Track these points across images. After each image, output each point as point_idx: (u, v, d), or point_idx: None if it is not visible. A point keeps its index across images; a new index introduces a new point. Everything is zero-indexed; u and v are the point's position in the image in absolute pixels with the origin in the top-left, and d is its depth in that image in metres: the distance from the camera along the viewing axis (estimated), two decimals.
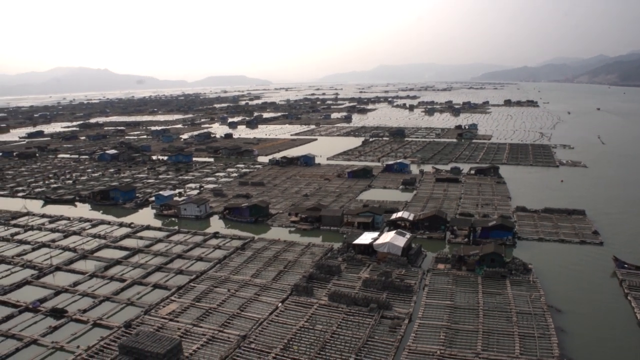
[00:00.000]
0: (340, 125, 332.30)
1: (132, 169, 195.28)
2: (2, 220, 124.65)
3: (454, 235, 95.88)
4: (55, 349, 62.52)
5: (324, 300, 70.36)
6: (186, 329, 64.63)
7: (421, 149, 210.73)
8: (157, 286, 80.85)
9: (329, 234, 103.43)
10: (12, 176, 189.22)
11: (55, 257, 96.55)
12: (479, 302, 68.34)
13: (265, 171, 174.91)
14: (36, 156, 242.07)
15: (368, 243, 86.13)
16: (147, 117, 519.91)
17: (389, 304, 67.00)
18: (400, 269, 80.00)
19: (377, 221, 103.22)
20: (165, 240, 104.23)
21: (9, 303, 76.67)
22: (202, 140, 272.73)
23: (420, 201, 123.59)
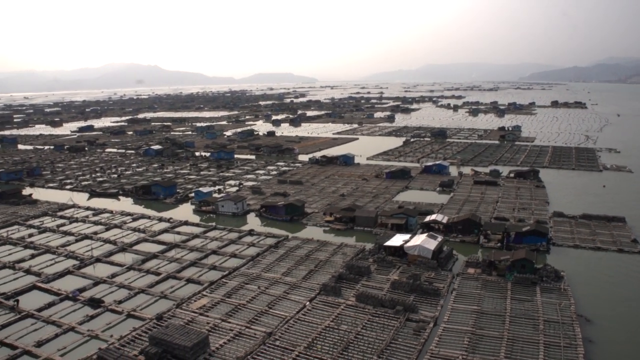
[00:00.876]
0: (383, 124, 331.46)
1: (175, 164, 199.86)
2: (50, 211, 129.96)
3: (487, 239, 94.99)
4: (90, 337, 65.33)
5: (351, 301, 71.04)
6: (215, 323, 66.41)
7: (462, 151, 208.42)
8: (190, 281, 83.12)
9: (363, 235, 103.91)
10: (62, 169, 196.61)
11: (96, 249, 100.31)
12: (506, 308, 67.74)
13: (305, 170, 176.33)
14: (85, 150, 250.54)
15: (399, 245, 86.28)
16: (193, 113, 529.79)
17: (415, 307, 67.18)
18: (429, 272, 79.94)
19: (410, 223, 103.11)
20: (201, 236, 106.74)
21: (51, 291, 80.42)
22: (244, 137, 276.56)
23: (457, 204, 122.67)
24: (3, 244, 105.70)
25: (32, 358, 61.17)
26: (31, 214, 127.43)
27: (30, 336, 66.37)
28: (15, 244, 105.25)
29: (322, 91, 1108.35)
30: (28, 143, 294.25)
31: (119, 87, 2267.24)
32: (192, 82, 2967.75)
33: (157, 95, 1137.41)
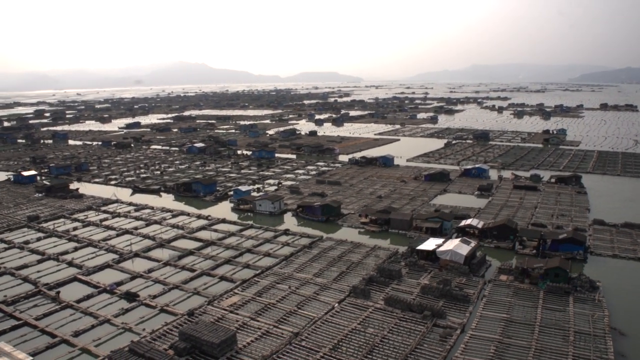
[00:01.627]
0: (426, 125, 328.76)
1: (217, 162, 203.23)
2: (94, 206, 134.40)
3: (522, 246, 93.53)
4: (124, 330, 67.68)
5: (379, 304, 71.25)
6: (244, 321, 67.72)
7: (504, 154, 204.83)
8: (223, 278, 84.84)
9: (397, 237, 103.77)
10: (108, 165, 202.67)
11: (136, 244, 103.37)
12: (536, 317, 66.68)
13: (344, 170, 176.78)
14: (131, 146, 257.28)
15: (431, 249, 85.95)
16: (238, 111, 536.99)
17: (443, 313, 66.91)
18: (461, 278, 79.39)
19: (445, 227, 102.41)
20: (237, 234, 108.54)
21: (90, 283, 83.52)
22: (287, 136, 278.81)
23: (494, 209, 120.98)
24: (49, 236, 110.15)
25: (69, 347, 63.79)
26: (77, 208, 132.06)
27: (69, 326, 69.23)
28: (61, 237, 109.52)
29: (366, 91, 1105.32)
30: (78, 139, 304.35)
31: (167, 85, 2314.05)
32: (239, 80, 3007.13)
33: (204, 92, 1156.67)
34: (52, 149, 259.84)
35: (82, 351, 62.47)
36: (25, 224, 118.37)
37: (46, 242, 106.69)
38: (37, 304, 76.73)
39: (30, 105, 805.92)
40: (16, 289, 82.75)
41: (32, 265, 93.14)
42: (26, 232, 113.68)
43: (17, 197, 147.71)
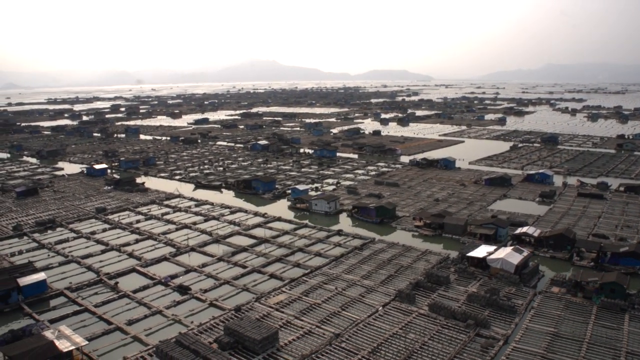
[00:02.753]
0: (492, 127, 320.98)
1: (279, 160, 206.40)
2: (158, 200, 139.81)
3: (580, 257, 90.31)
4: (174, 321, 70.67)
5: (424, 310, 70.97)
6: (288, 320, 69.16)
7: (571, 159, 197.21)
8: (273, 276, 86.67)
9: (450, 243, 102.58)
10: (174, 160, 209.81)
11: (193, 238, 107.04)
12: (586, 334, 64.49)
13: (404, 172, 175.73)
14: (198, 142, 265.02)
15: (482, 256, 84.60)
16: (304, 109, 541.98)
17: (487, 322, 65.88)
18: (510, 287, 77.80)
19: (500, 234, 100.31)
20: (291, 233, 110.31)
21: (147, 275, 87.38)
22: (350, 135, 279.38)
23: (554, 217, 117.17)
24: (114, 228, 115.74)
25: (122, 334, 67.31)
26: (141, 202, 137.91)
27: (124, 314, 73.00)
28: (124, 229, 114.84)
29: (435, 90, 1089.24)
30: (148, 133, 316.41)
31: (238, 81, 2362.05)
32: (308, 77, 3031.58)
33: (273, 89, 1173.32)
34: (124, 143, 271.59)
35: (133, 339, 65.76)
36: (93, 216, 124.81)
37: (111, 233, 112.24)
38: (97, 292, 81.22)
39: (108, 100, 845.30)
40: (80, 276, 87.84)
41: (96, 254, 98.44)
42: (93, 223, 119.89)
43: (88, 189, 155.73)
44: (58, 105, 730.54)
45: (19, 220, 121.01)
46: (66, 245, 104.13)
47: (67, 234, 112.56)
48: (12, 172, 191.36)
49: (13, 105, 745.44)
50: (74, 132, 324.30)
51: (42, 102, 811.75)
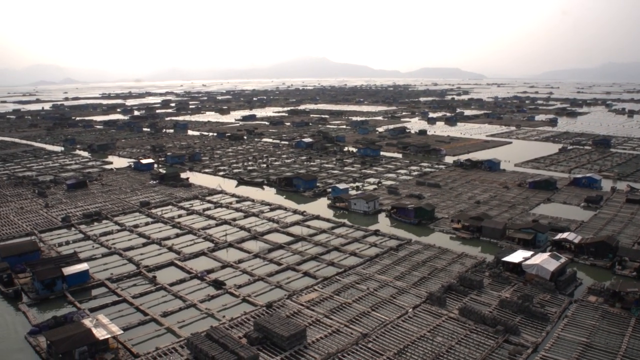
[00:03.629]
0: (542, 128, 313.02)
1: (323, 158, 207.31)
2: (200, 195, 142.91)
3: (622, 266, 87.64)
4: (207, 315, 72.60)
5: (453, 314, 70.52)
6: (317, 318, 69.98)
7: (623, 163, 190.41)
8: (307, 274, 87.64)
9: (488, 246, 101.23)
10: (219, 156, 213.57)
11: (231, 234, 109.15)
12: (621, 346, 62.68)
13: (447, 172, 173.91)
14: (244, 139, 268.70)
15: (517, 262, 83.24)
16: (352, 106, 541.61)
17: (516, 329, 64.94)
18: (545, 294, 76.36)
19: (539, 239, 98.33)
20: (328, 232, 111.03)
21: (184, 269, 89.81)
22: (395, 134, 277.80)
23: (599, 223, 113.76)
24: (156, 222, 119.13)
25: (156, 325, 69.67)
26: (184, 197, 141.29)
27: (160, 306, 75.41)
28: (166, 223, 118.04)
29: (487, 89, 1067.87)
30: (196, 129, 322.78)
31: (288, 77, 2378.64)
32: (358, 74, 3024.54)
33: (322, 86, 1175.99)
34: (172, 138, 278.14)
35: (167, 330, 67.94)
36: (138, 209, 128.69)
37: (153, 227, 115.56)
38: (136, 284, 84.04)
39: (159, 95, 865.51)
40: (121, 268, 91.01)
41: (138, 247, 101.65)
42: (137, 217, 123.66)
43: (134, 183, 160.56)
44: (111, 100, 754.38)
45: (67, 212, 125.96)
46: (110, 238, 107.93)
47: (111, 226, 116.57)
48: (64, 164, 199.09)
49: (69, 99, 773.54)
50: (125, 126, 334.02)
51: (96, 97, 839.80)
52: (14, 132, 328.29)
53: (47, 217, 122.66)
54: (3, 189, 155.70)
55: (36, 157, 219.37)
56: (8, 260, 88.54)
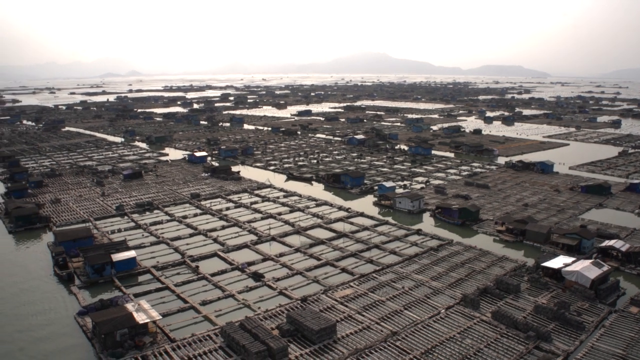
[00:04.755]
0: (604, 130, 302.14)
1: (373, 155, 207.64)
2: (249, 189, 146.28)
3: None
4: (243, 306, 75.21)
5: (486, 317, 70.30)
6: (349, 314, 71.28)
7: None
8: (344, 270, 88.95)
9: (531, 250, 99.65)
10: (272, 150, 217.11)
11: (275, 228, 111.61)
12: None
13: (497, 174, 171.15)
14: (297, 134, 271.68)
15: (557, 267, 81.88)
16: (409, 103, 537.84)
17: (548, 336, 64.18)
18: (583, 302, 74.94)
19: (584, 245, 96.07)
20: (371, 229, 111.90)
21: (227, 260, 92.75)
22: (449, 133, 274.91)
23: None
24: (204, 214, 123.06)
25: (195, 313, 72.79)
26: (233, 190, 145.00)
27: (200, 295, 78.58)
28: (213, 215, 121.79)
29: (550, 88, 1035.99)
30: (252, 123, 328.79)
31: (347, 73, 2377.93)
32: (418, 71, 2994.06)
33: (381, 82, 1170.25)
34: (227, 132, 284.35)
35: (204, 318, 70.84)
36: (188, 201, 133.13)
37: (201, 218, 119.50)
38: (179, 272, 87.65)
39: (219, 88, 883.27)
40: (167, 257, 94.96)
41: (185, 237, 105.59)
42: (187, 208, 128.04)
43: (187, 175, 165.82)
44: (173, 92, 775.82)
45: (122, 201, 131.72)
46: (159, 227, 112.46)
47: (162, 216, 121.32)
48: (123, 155, 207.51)
49: (133, 92, 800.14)
50: (183, 119, 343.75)
51: (158, 89, 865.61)
52: (79, 122, 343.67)
53: (102, 205, 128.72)
54: (65, 177, 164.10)
55: (97, 148, 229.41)
56: (64, 244, 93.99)
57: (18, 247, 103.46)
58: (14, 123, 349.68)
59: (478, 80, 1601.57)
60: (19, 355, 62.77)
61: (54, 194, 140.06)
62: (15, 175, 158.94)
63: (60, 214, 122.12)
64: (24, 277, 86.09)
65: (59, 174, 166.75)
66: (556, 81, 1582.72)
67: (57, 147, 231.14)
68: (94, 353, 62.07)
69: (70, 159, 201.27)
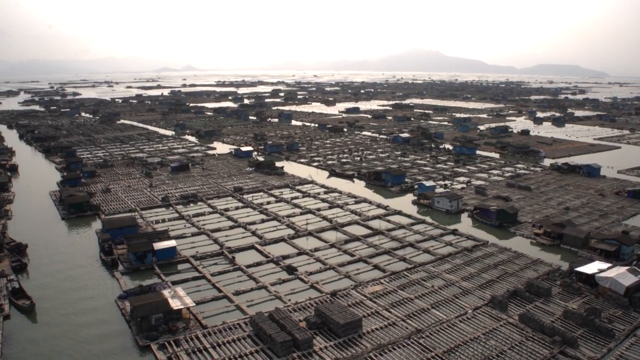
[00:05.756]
0: None
1: (417, 154, 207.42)
2: (291, 184, 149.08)
3: None
4: (275, 297, 77.97)
5: (513, 319, 70.58)
6: (377, 310, 72.91)
7: None
8: (376, 267, 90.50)
9: (568, 255, 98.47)
10: (317, 147, 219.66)
11: (313, 223, 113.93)
12: None
13: (541, 176, 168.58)
14: (343, 131, 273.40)
15: (591, 273, 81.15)
16: (458, 102, 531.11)
17: (575, 342, 63.99)
18: (616, 310, 74.19)
19: (623, 252, 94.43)
20: (407, 228, 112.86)
21: (263, 253, 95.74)
22: (496, 133, 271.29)
23: None
24: (245, 207, 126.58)
25: (228, 302, 75.97)
26: (276, 184, 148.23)
27: (234, 285, 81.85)
28: (254, 208, 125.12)
29: (607, 88, 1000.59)
30: (300, 119, 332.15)
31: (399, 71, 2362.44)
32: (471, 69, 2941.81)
33: (432, 81, 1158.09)
34: (275, 127, 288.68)
35: (236, 308, 73.86)
36: (231, 194, 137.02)
37: (242, 211, 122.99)
38: (217, 263, 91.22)
39: (270, 84, 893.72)
40: (207, 247, 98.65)
41: (225, 229, 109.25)
42: (229, 201, 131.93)
43: (232, 169, 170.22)
44: (225, 87, 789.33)
45: (167, 193, 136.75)
46: (201, 219, 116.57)
47: (204, 208, 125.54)
48: (172, 148, 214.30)
49: (187, 86, 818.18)
50: (233, 114, 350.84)
51: (211, 84, 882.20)
52: (133, 115, 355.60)
53: (149, 196, 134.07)
54: (117, 168, 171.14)
55: (149, 140, 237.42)
56: (110, 232, 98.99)
57: (69, 233, 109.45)
58: (73, 115, 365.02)
59: (531, 79, 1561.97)
60: (60, 332, 67.37)
61: (105, 184, 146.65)
62: (70, 165, 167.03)
63: (110, 203, 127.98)
64: (73, 261, 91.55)
65: (110, 165, 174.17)
66: (614, 81, 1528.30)
67: (111, 139, 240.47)
68: (130, 335, 65.88)
69: (122, 150, 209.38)
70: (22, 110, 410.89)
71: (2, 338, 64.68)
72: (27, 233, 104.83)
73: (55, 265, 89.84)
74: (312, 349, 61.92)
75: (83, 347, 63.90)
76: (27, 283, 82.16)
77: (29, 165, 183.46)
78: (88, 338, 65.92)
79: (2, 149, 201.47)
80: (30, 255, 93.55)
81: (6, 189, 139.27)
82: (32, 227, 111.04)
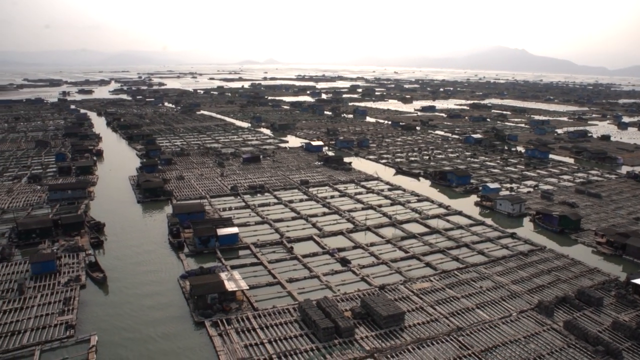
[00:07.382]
0: None
1: (487, 155, 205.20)
2: (356, 180, 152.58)
3: None
4: (326, 287, 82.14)
5: (557, 325, 71.00)
6: (421, 305, 75.34)
7: None
8: (428, 265, 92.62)
9: (630, 266, 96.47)
10: (387, 144, 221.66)
11: (372, 219, 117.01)
12: None
13: (615, 183, 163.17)
14: (416, 129, 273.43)
15: None
16: (539, 104, 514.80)
17: (619, 354, 63.68)
18: None
19: None
20: (465, 228, 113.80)
21: (320, 244, 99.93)
22: (574, 138, 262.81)
23: None
24: (309, 200, 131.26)
25: (280, 288, 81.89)
26: (342, 179, 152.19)
27: (288, 273, 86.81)
28: (318, 201, 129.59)
29: None
30: (374, 116, 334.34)
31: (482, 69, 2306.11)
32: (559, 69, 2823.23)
33: (515, 80, 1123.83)
34: (349, 123, 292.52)
35: (287, 294, 78.57)
36: (297, 186, 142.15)
37: (305, 204, 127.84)
38: (275, 251, 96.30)
39: (349, 79, 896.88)
40: (268, 236, 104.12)
41: (287, 220, 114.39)
42: (294, 193, 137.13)
43: (301, 162, 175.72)
44: (304, 82, 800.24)
45: (237, 182, 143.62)
46: (266, 209, 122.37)
47: (270, 199, 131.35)
48: (247, 140, 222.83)
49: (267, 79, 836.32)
50: (309, 108, 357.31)
51: (291, 78, 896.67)
52: (213, 107, 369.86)
53: (219, 185, 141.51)
54: (192, 157, 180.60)
55: (225, 131, 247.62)
56: (179, 216, 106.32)
57: (143, 215, 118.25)
58: (157, 104, 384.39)
59: (624, 81, 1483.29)
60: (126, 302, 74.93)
61: (179, 171, 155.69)
62: (150, 152, 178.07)
63: (182, 189, 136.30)
64: (144, 241, 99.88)
65: (186, 154, 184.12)
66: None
67: (189, 129, 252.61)
68: (188, 311, 71.90)
69: (199, 140, 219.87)
70: (111, 98, 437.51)
71: (78, 304, 72.53)
72: (105, 213, 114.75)
73: (128, 243, 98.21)
74: (353, 337, 65.34)
75: (146, 314, 71.24)
76: (102, 258, 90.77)
77: (113, 151, 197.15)
78: (150, 308, 73.03)
79: (91, 134, 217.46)
80: (107, 233, 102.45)
81: (91, 172, 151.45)
82: (111, 208, 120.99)
